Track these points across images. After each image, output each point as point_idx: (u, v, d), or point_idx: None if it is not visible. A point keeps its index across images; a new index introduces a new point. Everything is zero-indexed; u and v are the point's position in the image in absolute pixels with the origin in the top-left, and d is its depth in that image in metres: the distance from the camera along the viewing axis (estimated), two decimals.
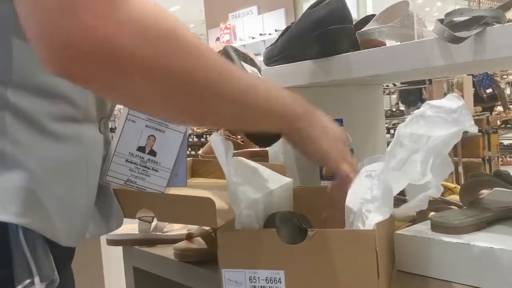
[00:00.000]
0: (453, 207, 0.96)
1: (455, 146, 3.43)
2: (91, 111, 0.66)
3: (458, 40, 0.67)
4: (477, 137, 4.48)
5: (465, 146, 4.27)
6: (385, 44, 0.84)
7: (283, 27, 0.93)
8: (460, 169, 4.22)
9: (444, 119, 0.62)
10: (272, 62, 1.02)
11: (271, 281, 0.63)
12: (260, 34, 6.49)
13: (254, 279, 0.64)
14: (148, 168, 0.73)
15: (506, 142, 7.35)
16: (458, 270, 0.69)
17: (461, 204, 0.91)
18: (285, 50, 0.95)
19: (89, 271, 1.23)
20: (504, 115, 7.15)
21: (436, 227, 0.76)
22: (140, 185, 0.73)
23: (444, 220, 0.76)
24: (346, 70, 0.87)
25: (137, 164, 0.73)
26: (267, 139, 0.72)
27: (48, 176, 0.59)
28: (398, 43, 0.82)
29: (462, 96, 4.02)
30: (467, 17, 0.68)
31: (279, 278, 0.63)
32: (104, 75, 0.46)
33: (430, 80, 5.49)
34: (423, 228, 0.78)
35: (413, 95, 6.47)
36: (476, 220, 0.76)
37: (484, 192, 0.90)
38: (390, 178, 0.64)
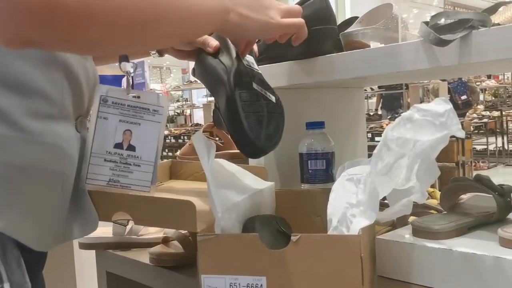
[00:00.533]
0: (433, 211, 0.96)
1: None
2: (67, 108, 0.63)
3: (444, 43, 0.66)
4: (451, 142, 4.57)
5: None
6: (369, 46, 0.83)
7: None
8: None
9: (432, 122, 0.61)
10: None
11: None
12: None
13: (234, 285, 0.62)
14: (130, 164, 0.70)
15: (479, 148, 7.55)
16: (440, 275, 0.69)
17: (441, 208, 0.91)
18: (267, 51, 0.93)
19: (61, 276, 1.19)
20: (474, 108, 7.36)
21: (418, 232, 0.75)
22: (124, 183, 0.70)
23: (425, 225, 0.75)
24: (329, 71, 0.86)
25: (117, 162, 0.69)
26: (255, 152, 0.69)
27: (20, 175, 0.56)
28: (382, 45, 0.81)
29: None
30: (453, 20, 0.67)
31: (261, 285, 0.61)
32: (56, 33, 0.45)
33: (407, 86, 5.58)
34: (404, 233, 0.77)
35: (397, 101, 6.55)
36: (458, 225, 0.76)
37: (464, 197, 0.90)
38: (376, 182, 0.63)
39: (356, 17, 0.95)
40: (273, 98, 0.72)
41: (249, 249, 0.62)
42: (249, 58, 0.76)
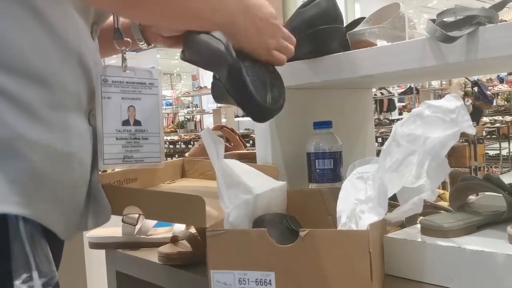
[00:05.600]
0: (442, 211, 0.96)
1: None
2: (82, 100, 0.65)
3: (450, 40, 0.66)
4: (463, 147, 4.54)
5: (451, 155, 4.32)
6: (376, 45, 0.83)
7: None
8: (447, 178, 4.27)
9: (442, 119, 0.61)
10: None
11: (261, 283, 0.61)
12: None
13: (243, 280, 0.62)
14: (139, 139, 0.72)
15: (491, 153, 7.46)
16: (448, 273, 0.68)
17: (450, 209, 0.91)
18: None
19: (71, 275, 1.20)
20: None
21: (426, 230, 0.75)
22: (137, 158, 0.72)
23: (434, 224, 0.75)
24: (337, 70, 0.86)
25: (128, 139, 0.72)
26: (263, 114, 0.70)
27: (45, 166, 0.58)
28: (389, 44, 0.82)
29: None
30: (459, 17, 0.67)
31: (270, 280, 0.61)
32: None
33: (417, 90, 5.57)
34: (413, 232, 0.77)
35: (392, 104, 6.65)
36: (466, 223, 0.75)
37: (473, 197, 0.89)
38: (385, 178, 0.62)
39: (364, 18, 0.95)
40: (271, 68, 0.73)
41: (258, 245, 0.62)
42: None
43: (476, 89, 6.53)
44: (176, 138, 7.98)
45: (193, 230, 0.93)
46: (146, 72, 0.75)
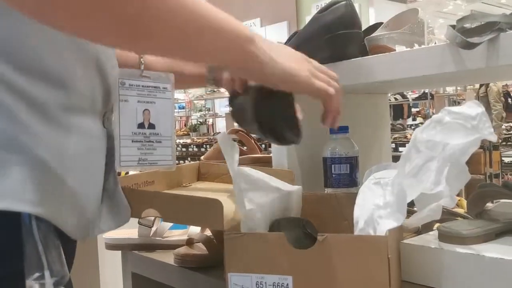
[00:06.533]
0: (459, 218, 0.95)
1: None
2: (97, 103, 0.66)
3: (471, 46, 0.66)
4: (479, 153, 4.48)
5: (466, 162, 4.27)
6: (394, 51, 0.83)
7: (285, 40, 0.95)
8: None
9: (463, 125, 0.61)
10: None
11: (279, 287, 0.61)
12: None
13: (261, 284, 0.62)
14: (153, 142, 0.74)
15: (507, 160, 7.34)
16: (466, 280, 0.68)
17: (467, 216, 0.90)
18: None
19: (85, 276, 1.21)
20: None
21: (444, 237, 0.74)
22: (151, 161, 0.74)
23: (452, 230, 0.74)
24: (355, 75, 0.86)
25: (143, 141, 0.73)
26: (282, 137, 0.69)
27: (59, 167, 0.58)
28: (408, 49, 0.81)
29: None
30: (480, 23, 0.67)
31: (287, 284, 0.61)
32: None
33: (432, 96, 5.52)
34: (430, 238, 0.76)
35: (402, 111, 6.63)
36: (485, 231, 0.75)
37: (491, 204, 0.89)
38: (404, 184, 0.62)
39: (381, 23, 0.95)
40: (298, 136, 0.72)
41: (276, 248, 0.62)
42: None
43: (510, 100, 6.40)
44: (188, 141, 8.01)
45: (208, 232, 0.93)
46: (161, 77, 0.76)
